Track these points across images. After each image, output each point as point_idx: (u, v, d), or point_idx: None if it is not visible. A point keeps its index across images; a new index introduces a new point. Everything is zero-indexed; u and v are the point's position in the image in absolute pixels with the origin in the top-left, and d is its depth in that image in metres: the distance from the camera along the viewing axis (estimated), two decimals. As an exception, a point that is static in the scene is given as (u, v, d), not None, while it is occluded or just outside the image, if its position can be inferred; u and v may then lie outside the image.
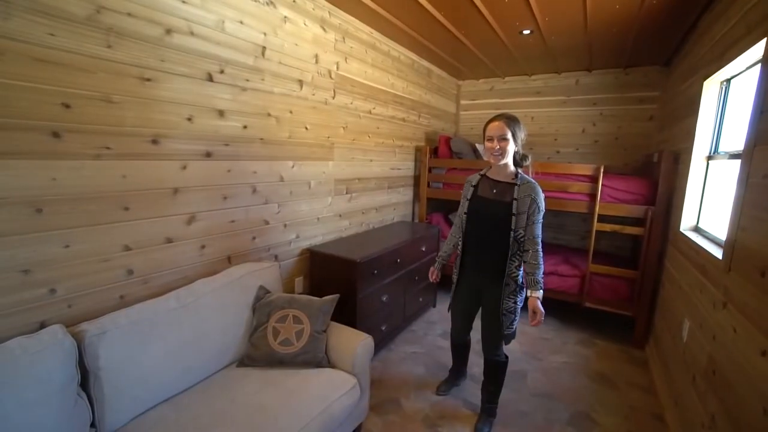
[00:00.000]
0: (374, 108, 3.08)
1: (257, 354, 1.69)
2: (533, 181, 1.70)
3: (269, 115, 2.15)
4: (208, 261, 1.92)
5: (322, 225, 2.67)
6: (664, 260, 2.70)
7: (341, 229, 2.88)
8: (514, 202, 1.65)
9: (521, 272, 1.74)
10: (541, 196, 1.66)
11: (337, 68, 2.63)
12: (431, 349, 2.82)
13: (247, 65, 1.99)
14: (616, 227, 2.87)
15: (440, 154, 3.81)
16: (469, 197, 1.86)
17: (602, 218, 2.92)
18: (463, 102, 4.65)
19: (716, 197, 2.10)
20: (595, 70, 3.86)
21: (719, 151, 2.09)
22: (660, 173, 2.67)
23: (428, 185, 3.75)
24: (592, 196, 2.92)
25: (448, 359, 2.63)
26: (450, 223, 3.83)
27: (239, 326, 1.74)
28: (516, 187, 1.68)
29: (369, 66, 2.96)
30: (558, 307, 3.46)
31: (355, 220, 3.03)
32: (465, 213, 1.85)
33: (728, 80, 2.03)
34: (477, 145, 3.88)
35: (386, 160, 3.34)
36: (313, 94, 2.44)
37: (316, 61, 2.43)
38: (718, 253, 1.64)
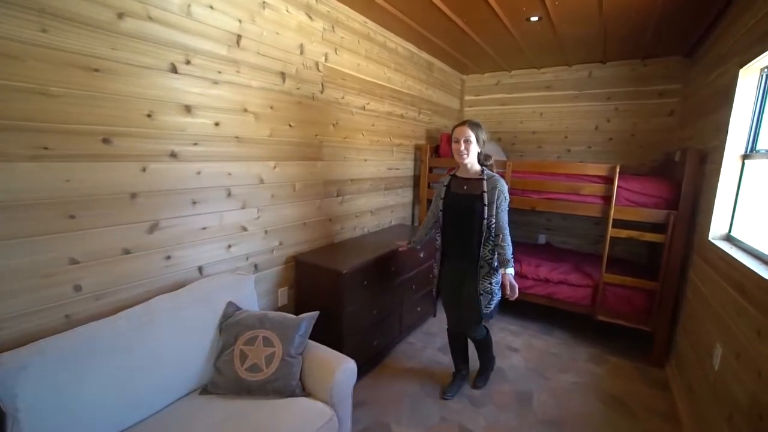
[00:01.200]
0: (368, 103, 2.86)
1: (222, 381, 1.50)
2: (497, 175, 1.99)
3: (246, 111, 1.95)
4: (174, 273, 1.72)
5: (310, 230, 2.47)
6: (687, 271, 2.43)
7: (332, 234, 2.67)
8: (484, 194, 1.93)
9: (495, 256, 1.99)
10: (506, 187, 1.96)
11: (326, 60, 2.41)
12: (429, 364, 2.61)
13: (220, 55, 1.79)
14: (633, 233, 2.61)
15: (442, 153, 3.57)
16: (443, 196, 2.10)
17: (617, 223, 2.66)
18: (467, 98, 4.40)
19: (756, 203, 1.83)
20: (609, 62, 3.58)
21: (758, 149, 1.82)
22: (683, 174, 2.40)
23: (429, 186, 3.52)
24: (607, 198, 2.66)
25: (446, 375, 2.42)
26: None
27: (203, 349, 1.55)
28: (484, 181, 1.96)
29: (362, 58, 2.74)
30: (568, 320, 3.21)
31: (348, 224, 2.82)
32: (441, 210, 2.10)
33: (768, 67, 1.76)
34: (481, 143, 3.62)
35: (383, 160, 3.12)
36: (298, 88, 2.23)
37: (302, 52, 2.22)
38: (762, 270, 1.39)
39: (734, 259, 1.62)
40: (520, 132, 4.11)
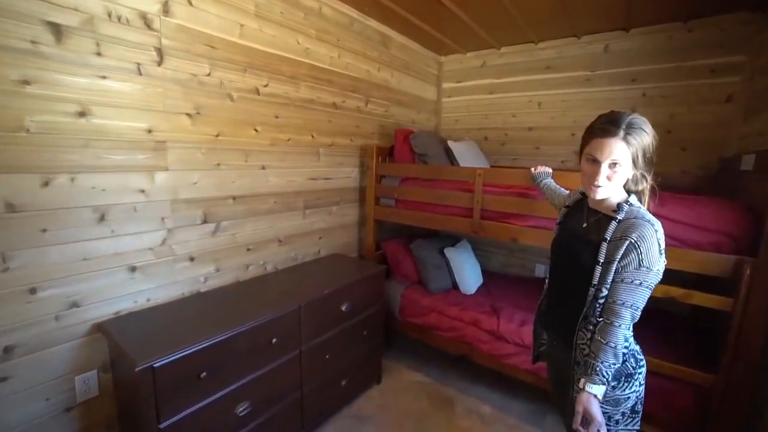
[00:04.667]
0: (266, 85, 1.95)
1: None
2: (645, 217, 1.02)
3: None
4: None
5: (144, 278, 1.57)
6: (773, 364, 1.40)
7: (196, 279, 1.77)
8: (603, 245, 1.05)
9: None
10: (651, 244, 0.98)
11: (165, 13, 1.52)
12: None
13: None
14: (675, 291, 1.58)
15: (397, 157, 2.62)
16: (558, 220, 1.32)
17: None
18: (445, 85, 3.42)
19: None
20: (635, 29, 2.53)
21: None
22: (764, 194, 1.37)
23: (377, 202, 2.57)
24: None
25: None
26: (413, 256, 2.62)
27: None
28: (613, 222, 1.05)
29: (250, 17, 1.83)
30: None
31: (230, 262, 1.91)
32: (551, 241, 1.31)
33: None
34: (451, 142, 2.64)
35: (298, 167, 2.20)
36: (99, 54, 1.35)
37: (103, -6, 1.33)
38: None
39: None
40: (512, 128, 3.09)
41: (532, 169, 1.81)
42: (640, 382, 1.10)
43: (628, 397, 1.09)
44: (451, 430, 2.02)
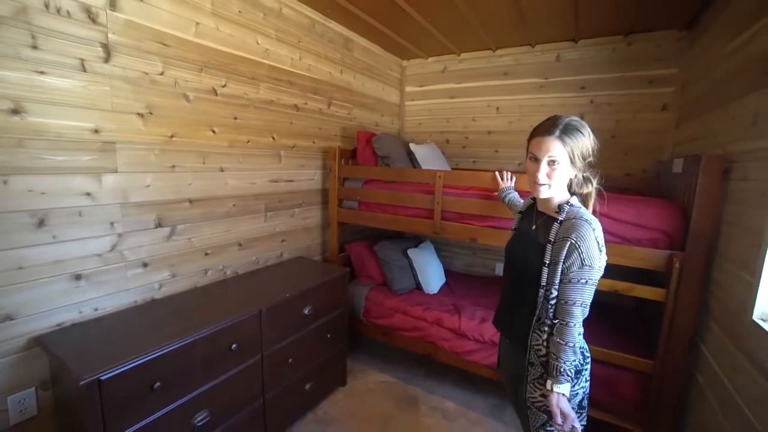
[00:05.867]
0: (224, 85, 1.90)
1: None
2: (584, 217, 1.07)
3: None
4: None
5: (91, 286, 1.48)
6: (701, 350, 1.54)
7: (150, 287, 1.69)
8: (549, 246, 1.11)
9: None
10: (590, 242, 1.03)
11: (112, 6, 1.44)
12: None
13: None
14: (620, 285, 1.70)
15: (359, 159, 2.63)
16: (514, 226, 1.37)
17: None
18: (408, 89, 3.47)
19: None
20: (583, 40, 2.70)
21: None
22: (690, 194, 1.51)
23: (340, 204, 2.57)
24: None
25: None
26: (377, 258, 2.64)
27: None
28: (556, 224, 1.11)
29: (207, 15, 1.78)
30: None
31: (187, 267, 1.84)
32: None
33: None
34: (413, 145, 2.70)
35: (259, 169, 2.15)
36: (35, 47, 1.26)
37: (41, -16, 1.25)
38: None
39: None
40: (473, 132, 3.20)
41: (497, 174, 1.86)
42: (586, 378, 1.17)
43: (577, 393, 1.14)
44: (416, 429, 2.06)
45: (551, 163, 1.09)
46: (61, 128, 1.34)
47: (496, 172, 1.86)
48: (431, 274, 2.63)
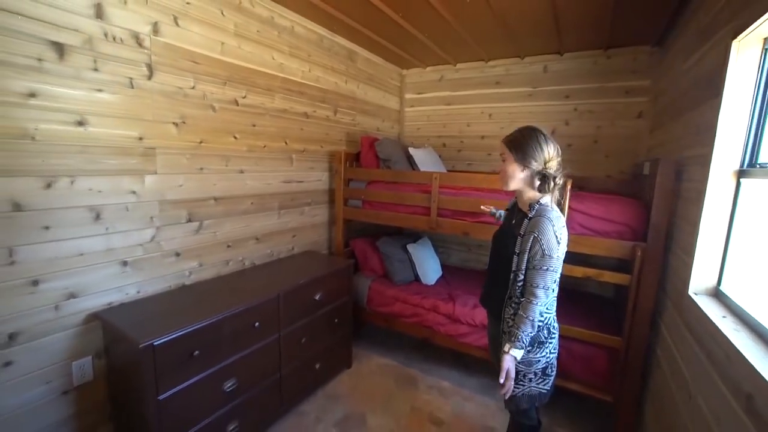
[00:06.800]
0: (244, 97, 2.14)
1: None
2: (547, 214, 1.31)
3: (-34, 97, 1.21)
4: None
5: (135, 272, 1.72)
6: (660, 326, 1.78)
7: (181, 274, 1.93)
8: (519, 238, 1.36)
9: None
10: (550, 235, 1.27)
11: (155, 32, 1.69)
12: (314, 454, 1.88)
13: None
14: (590, 272, 1.95)
15: (363, 162, 2.88)
16: (503, 221, 1.63)
17: (572, 257, 1.99)
18: (407, 96, 3.73)
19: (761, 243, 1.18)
20: (567, 53, 2.96)
21: (759, 162, 1.17)
22: (653, 193, 1.76)
23: (345, 203, 2.81)
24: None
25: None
26: (379, 252, 2.88)
27: None
28: (526, 220, 1.37)
29: (230, 35, 2.03)
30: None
31: (212, 258, 2.08)
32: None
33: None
34: (412, 149, 2.95)
35: (273, 171, 2.40)
36: (96, 69, 1.50)
37: (99, 16, 1.49)
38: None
39: (733, 346, 0.95)
40: (468, 136, 3.45)
41: (483, 207, 1.96)
42: (550, 351, 1.40)
43: (539, 360, 1.39)
44: (415, 404, 2.29)
45: (503, 160, 1.38)
46: (114, 136, 1.59)
47: (482, 207, 1.97)
48: (428, 267, 2.88)
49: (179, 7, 1.77)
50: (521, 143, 1.33)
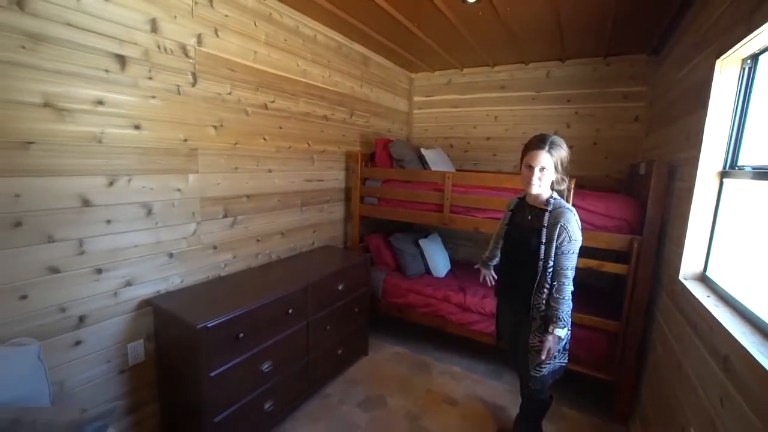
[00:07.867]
0: (273, 101, 2.31)
1: None
2: (566, 206, 1.54)
3: (46, 105, 1.36)
4: None
5: (179, 263, 1.89)
6: (654, 311, 1.98)
7: (218, 265, 2.10)
8: (543, 229, 1.53)
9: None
10: (574, 223, 1.50)
11: (199, 43, 1.85)
12: (340, 427, 2.06)
13: (-16, 22, 1.21)
14: (592, 263, 2.14)
15: (377, 162, 3.05)
16: (506, 222, 1.78)
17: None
18: (416, 98, 3.91)
19: (741, 236, 1.37)
20: (569, 60, 3.15)
21: (738, 164, 1.36)
22: (648, 192, 1.95)
23: (361, 200, 2.99)
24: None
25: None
26: (392, 248, 3.06)
27: None
28: (547, 213, 1.55)
29: (261, 44, 2.19)
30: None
31: (244, 251, 2.25)
32: (502, 237, 1.79)
33: (755, 56, 1.31)
34: (424, 150, 3.13)
35: (297, 170, 2.57)
36: (150, 78, 1.66)
37: (154, 30, 1.65)
38: (753, 344, 0.91)
39: (711, 316, 1.14)
40: (474, 138, 3.63)
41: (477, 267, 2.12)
42: (569, 329, 1.59)
43: (563, 338, 1.58)
44: (430, 386, 2.48)
45: (542, 170, 1.52)
46: (163, 139, 1.75)
47: (481, 270, 2.11)
48: (439, 261, 3.06)
49: (219, 19, 1.93)
50: (563, 157, 1.51)
